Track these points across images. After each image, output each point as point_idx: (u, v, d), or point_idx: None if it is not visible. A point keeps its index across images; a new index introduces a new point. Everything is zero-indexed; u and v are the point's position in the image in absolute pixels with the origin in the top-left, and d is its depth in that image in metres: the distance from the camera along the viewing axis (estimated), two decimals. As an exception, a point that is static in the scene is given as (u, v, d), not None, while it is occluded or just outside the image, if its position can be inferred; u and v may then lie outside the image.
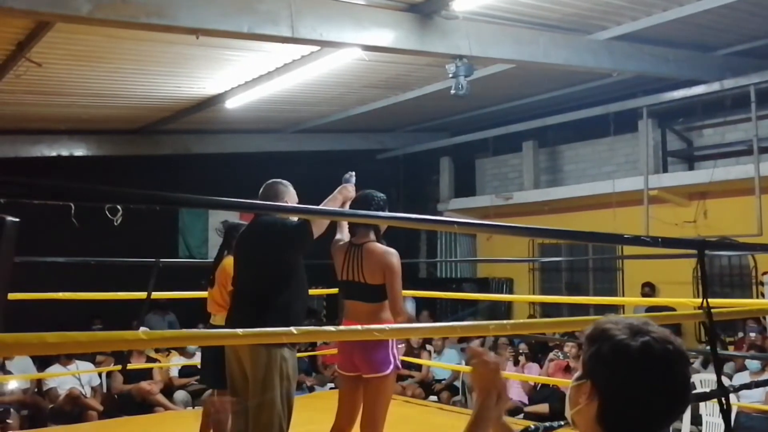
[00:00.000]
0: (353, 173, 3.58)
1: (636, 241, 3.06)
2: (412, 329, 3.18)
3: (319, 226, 3.22)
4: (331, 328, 1.93)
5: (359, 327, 2.09)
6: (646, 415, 1.20)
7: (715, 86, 7.60)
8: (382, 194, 3.54)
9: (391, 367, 3.34)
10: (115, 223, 1.57)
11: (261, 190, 3.51)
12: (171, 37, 5.52)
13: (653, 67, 6.95)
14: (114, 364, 6.98)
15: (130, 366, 6.56)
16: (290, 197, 3.49)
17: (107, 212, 1.56)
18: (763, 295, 8.09)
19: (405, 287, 3.81)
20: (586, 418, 1.25)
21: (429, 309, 9.46)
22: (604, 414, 1.22)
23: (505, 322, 2.54)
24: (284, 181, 3.54)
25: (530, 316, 10.26)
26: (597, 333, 1.26)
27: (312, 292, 4.01)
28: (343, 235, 3.60)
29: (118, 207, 1.54)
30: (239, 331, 1.74)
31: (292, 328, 1.78)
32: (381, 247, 3.39)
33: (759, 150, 7.56)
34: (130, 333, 1.54)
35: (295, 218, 3.37)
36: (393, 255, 3.35)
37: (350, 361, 3.42)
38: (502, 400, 1.50)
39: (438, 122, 10.90)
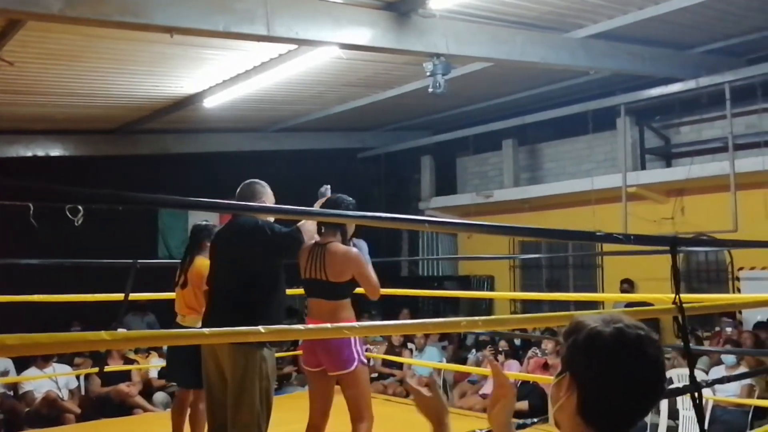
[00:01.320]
0: (328, 186, 3.74)
1: (608, 238, 3.09)
2: (382, 326, 3.21)
3: (309, 237, 3.38)
4: (300, 326, 1.93)
5: (328, 325, 2.09)
6: (624, 401, 1.23)
7: (691, 84, 7.70)
8: (351, 199, 3.66)
9: (356, 362, 3.46)
10: (76, 224, 1.56)
11: (238, 190, 3.53)
12: (148, 36, 5.48)
13: (630, 65, 7.01)
14: (92, 366, 6.91)
15: (107, 368, 6.48)
16: (267, 197, 3.52)
17: (67, 213, 1.54)
18: (739, 291, 8.19)
19: (386, 285, 3.88)
20: (568, 413, 1.26)
21: (410, 307, 9.46)
22: (584, 404, 1.24)
23: (477, 318, 2.54)
24: (261, 182, 3.57)
25: (512, 314, 10.30)
26: (572, 326, 1.31)
27: (292, 292, 4.03)
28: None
29: (79, 207, 1.53)
30: (205, 330, 1.72)
31: (260, 327, 1.78)
32: (342, 247, 3.53)
33: (734, 147, 7.66)
34: (93, 333, 1.52)
35: (271, 218, 3.40)
36: (353, 252, 3.51)
37: (314, 356, 3.56)
38: (507, 408, 1.53)
39: (419, 121, 10.91)
